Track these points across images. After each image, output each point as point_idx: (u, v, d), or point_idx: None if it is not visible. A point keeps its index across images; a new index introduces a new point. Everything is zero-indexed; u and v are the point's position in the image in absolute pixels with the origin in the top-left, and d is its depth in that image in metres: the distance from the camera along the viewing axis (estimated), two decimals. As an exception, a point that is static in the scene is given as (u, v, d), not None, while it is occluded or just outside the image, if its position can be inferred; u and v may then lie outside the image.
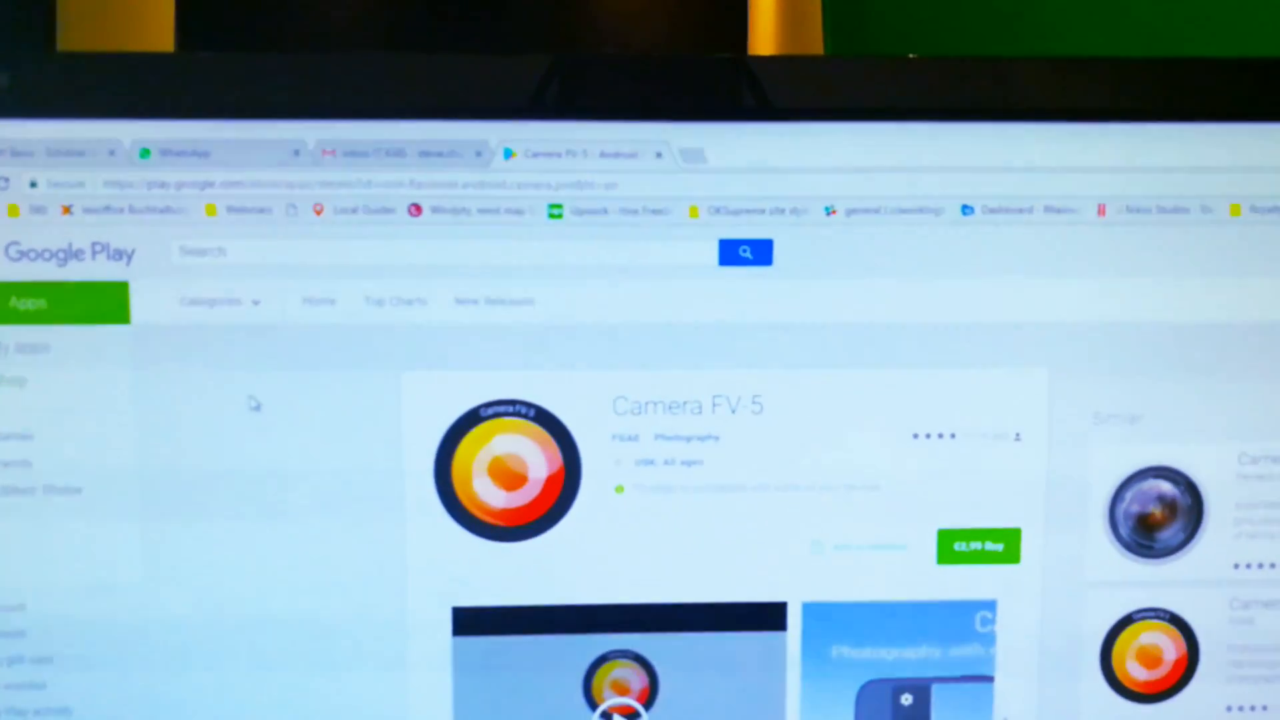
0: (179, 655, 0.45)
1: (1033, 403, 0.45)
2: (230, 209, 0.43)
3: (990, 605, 0.46)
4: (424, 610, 0.45)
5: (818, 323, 0.44)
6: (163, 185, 0.43)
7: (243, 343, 0.43)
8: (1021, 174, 0.44)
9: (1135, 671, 0.47)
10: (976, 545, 0.45)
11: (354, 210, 0.43)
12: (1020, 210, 0.44)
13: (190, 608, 0.44)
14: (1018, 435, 0.45)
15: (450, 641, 0.45)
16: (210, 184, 0.43)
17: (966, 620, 0.46)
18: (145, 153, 0.43)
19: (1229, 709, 0.47)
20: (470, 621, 0.45)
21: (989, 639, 0.46)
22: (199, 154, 0.43)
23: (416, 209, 0.43)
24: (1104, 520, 0.46)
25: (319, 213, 0.43)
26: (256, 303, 0.43)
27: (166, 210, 0.43)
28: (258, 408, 0.44)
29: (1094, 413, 0.45)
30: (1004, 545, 0.45)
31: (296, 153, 0.43)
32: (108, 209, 0.43)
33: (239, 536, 0.44)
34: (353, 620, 0.44)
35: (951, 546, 0.45)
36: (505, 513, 0.44)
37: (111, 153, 0.43)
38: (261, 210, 0.43)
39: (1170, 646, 0.47)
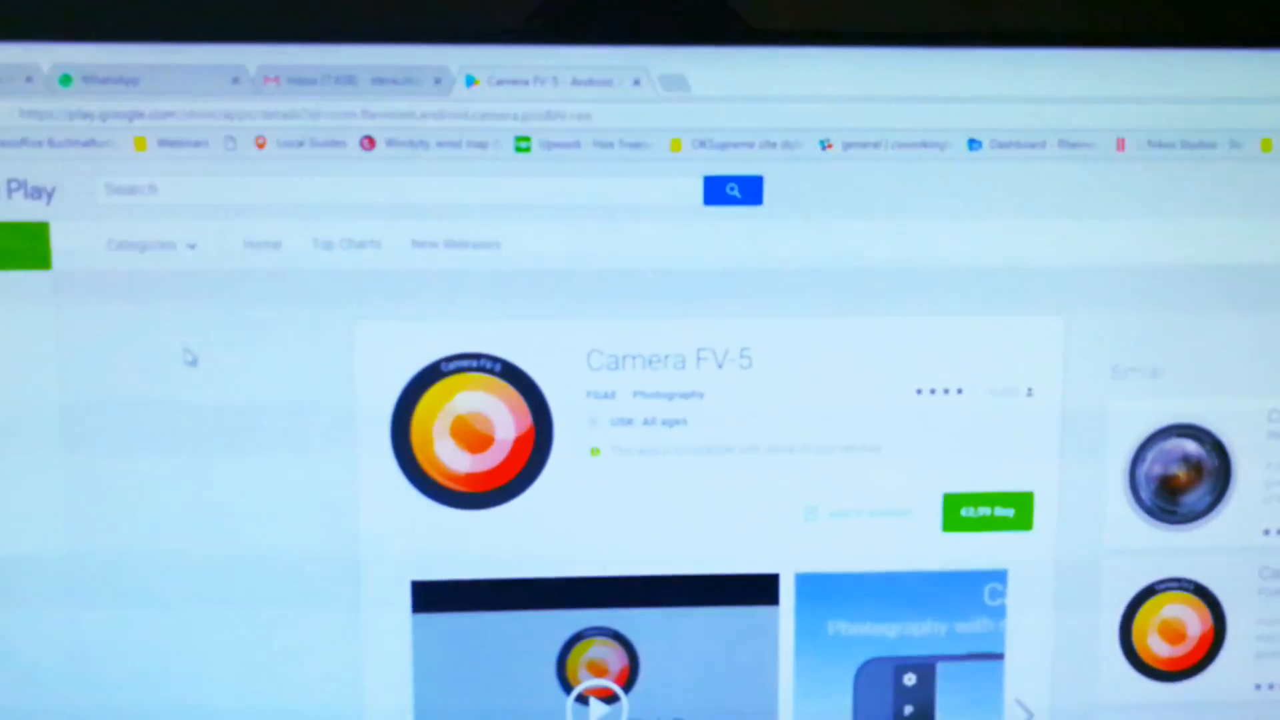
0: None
1: (1046, 355, 0.43)
2: (162, 142, 0.40)
3: (1000, 576, 0.44)
4: (380, 585, 0.42)
5: (812, 267, 0.42)
6: (86, 116, 0.40)
7: (177, 291, 0.40)
8: (1034, 105, 0.42)
9: (1157, 647, 0.45)
10: (985, 511, 0.43)
11: (300, 144, 0.40)
12: (1032, 145, 0.42)
13: (113, 601, 0.42)
14: (1030, 390, 0.43)
15: (409, 619, 0.43)
16: (139, 114, 0.40)
17: (975, 593, 0.44)
18: (66, 79, 0.40)
19: (1258, 687, 0.45)
20: (431, 597, 0.42)
21: (999, 613, 0.44)
22: (126, 81, 0.40)
23: (369, 142, 0.41)
24: (1124, 483, 0.44)
25: (261, 146, 0.40)
26: (192, 246, 0.40)
27: (90, 143, 0.40)
28: (194, 362, 0.41)
29: (1112, 366, 0.43)
30: (1015, 510, 0.43)
31: (236, 80, 0.40)
32: (24, 142, 0.40)
33: (171, 509, 0.42)
34: (301, 598, 0.42)
35: (958, 512, 0.43)
36: (469, 477, 0.42)
37: (29, 79, 0.40)
38: (197, 143, 0.40)
39: (1195, 620, 0.45)
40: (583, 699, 0.44)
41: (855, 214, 0.42)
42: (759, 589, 0.43)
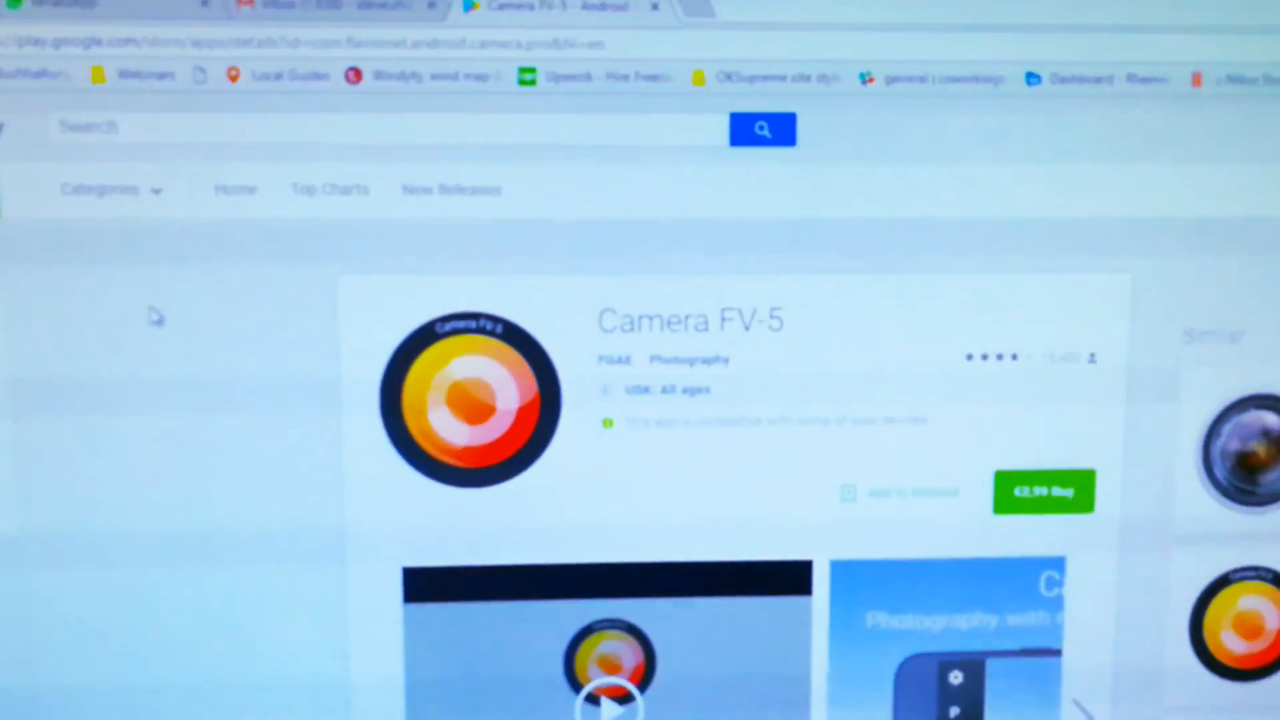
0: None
1: (1112, 317, 0.41)
2: (123, 73, 0.39)
3: (1058, 564, 0.43)
4: (367, 572, 0.41)
5: (850, 216, 0.40)
6: (38, 43, 0.38)
7: (141, 241, 0.39)
8: (1100, 34, 0.40)
9: (1232, 643, 0.44)
10: (1041, 491, 0.42)
11: (278, 76, 0.39)
12: (1098, 79, 0.40)
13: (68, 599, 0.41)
14: (1093, 356, 0.41)
15: (401, 610, 0.41)
16: (97, 41, 0.38)
17: (1029, 582, 0.43)
18: (15, 1, 0.38)
19: (1343, 687, 0.44)
20: (425, 585, 0.41)
21: (1055, 604, 0.43)
22: (83, 3, 0.38)
23: (355, 74, 0.39)
24: (1196, 460, 0.42)
25: (234, 79, 0.39)
26: (157, 191, 0.39)
27: (43, 74, 0.38)
28: (160, 322, 0.39)
29: (1185, 329, 0.42)
30: (1074, 491, 0.42)
31: (205, 3, 0.38)
32: (-33, 73, 0.38)
33: (133, 488, 0.40)
34: (280, 587, 0.41)
35: (1011, 492, 0.42)
36: (468, 451, 0.41)
37: (-29, 1, 0.38)
38: (162, 75, 0.39)
39: (1274, 613, 0.43)
40: (593, 698, 0.42)
41: (899, 157, 0.40)
42: (790, 577, 0.42)
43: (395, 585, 0.41)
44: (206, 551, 0.41)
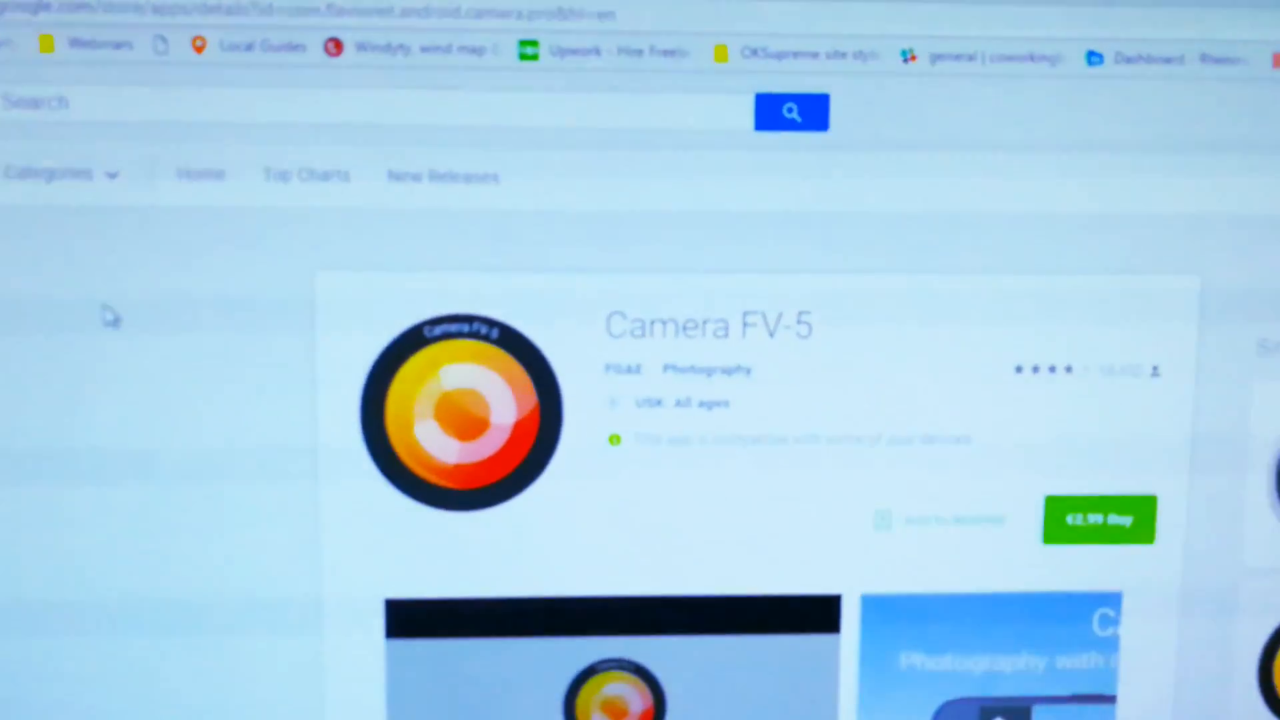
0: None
1: (1177, 325, 0.40)
2: (74, 42, 0.37)
3: (1114, 600, 0.42)
4: (346, 605, 0.40)
5: (888, 210, 0.39)
6: None
7: (94, 232, 0.38)
8: (1170, 9, 0.39)
9: None
10: (1097, 518, 0.41)
11: (248, 46, 0.38)
12: (1167, 59, 0.39)
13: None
14: (1155, 369, 0.40)
15: (383, 646, 0.40)
16: (45, 6, 0.37)
17: (1081, 620, 0.41)
18: None
19: None
20: (409, 620, 0.40)
21: (1110, 645, 0.42)
22: None
23: (336, 46, 0.38)
24: (1270, 485, 0.41)
25: (199, 49, 0.37)
26: (112, 176, 0.38)
27: None
28: (115, 322, 0.38)
29: (1259, 339, 0.40)
30: (1133, 518, 0.41)
31: None
32: (-101, 40, 0.38)
33: (82, 507, 0.39)
34: (251, 622, 0.40)
35: (1063, 520, 0.41)
36: (459, 470, 0.40)
37: (-97, -41, 0.37)
38: (118, 45, 0.37)
39: None
40: (596, 747, 0.41)
41: (942, 144, 0.39)
42: (816, 613, 0.41)
43: (376, 619, 0.40)
44: (161, 585, 0.39)
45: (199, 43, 0.37)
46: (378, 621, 0.40)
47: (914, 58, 0.39)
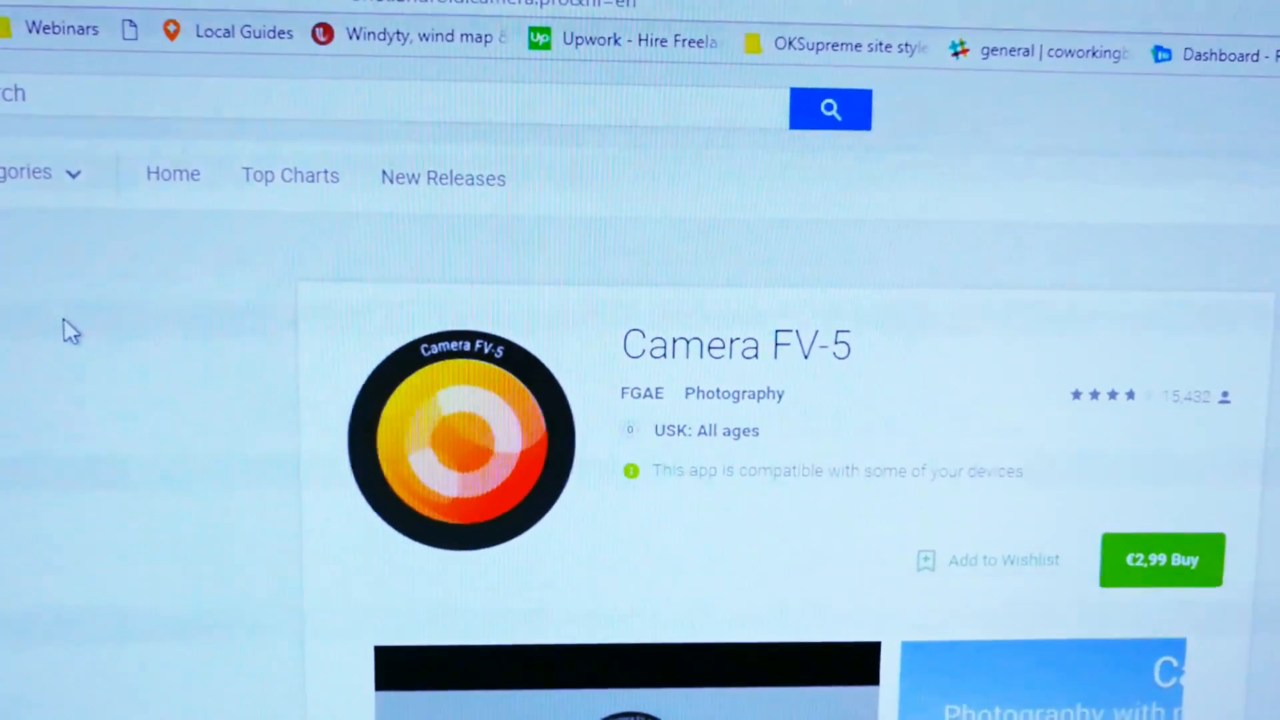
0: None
1: (1250, 346, 0.39)
2: (33, 26, 0.36)
3: (1177, 647, 0.40)
4: (332, 652, 0.38)
5: (934, 219, 0.38)
6: None
7: (54, 238, 0.36)
8: (1244, 1, 0.37)
9: None
10: (1159, 559, 0.40)
11: (227, 33, 0.36)
12: (1241, 56, 0.38)
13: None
14: (1225, 395, 0.39)
15: (372, 699, 0.39)
16: None
17: (1142, 669, 0.40)
18: None
19: None
20: (402, 669, 0.39)
21: (1173, 696, 0.41)
22: None
23: (325, 32, 0.36)
24: None
25: (173, 35, 0.36)
26: (74, 175, 0.36)
27: None
28: (75, 338, 0.36)
29: None
30: (1199, 559, 0.40)
31: None
32: None
33: (43, 537, 0.37)
34: (229, 666, 0.38)
35: (1122, 560, 0.40)
36: (458, 505, 0.39)
37: None
38: (83, 29, 0.36)
39: None
40: (607, 809, 0.39)
41: (994, 147, 0.38)
42: (853, 663, 0.40)
43: (366, 668, 0.39)
44: (124, 622, 0.38)
45: (172, 28, 0.36)
46: (367, 671, 0.39)
47: (965, 51, 0.37)
